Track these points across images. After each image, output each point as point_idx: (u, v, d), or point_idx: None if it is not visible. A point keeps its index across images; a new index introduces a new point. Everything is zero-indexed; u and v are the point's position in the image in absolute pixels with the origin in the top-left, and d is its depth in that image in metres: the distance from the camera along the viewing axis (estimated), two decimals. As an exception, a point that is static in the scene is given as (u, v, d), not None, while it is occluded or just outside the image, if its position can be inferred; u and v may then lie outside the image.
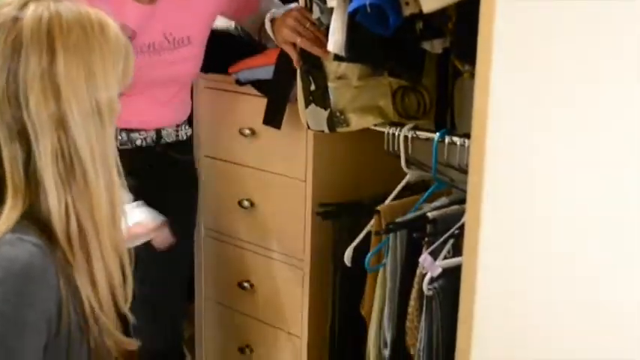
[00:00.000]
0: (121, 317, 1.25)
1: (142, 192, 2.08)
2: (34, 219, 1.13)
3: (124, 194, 1.24)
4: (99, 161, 1.15)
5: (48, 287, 1.10)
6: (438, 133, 1.83)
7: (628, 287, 1.12)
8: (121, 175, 1.22)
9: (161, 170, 2.15)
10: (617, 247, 1.13)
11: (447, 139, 1.81)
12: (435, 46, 1.82)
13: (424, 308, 1.81)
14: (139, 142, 2.08)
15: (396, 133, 1.90)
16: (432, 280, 1.79)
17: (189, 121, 2.24)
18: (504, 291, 1.23)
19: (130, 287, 1.24)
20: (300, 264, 2.16)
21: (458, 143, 1.79)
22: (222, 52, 2.22)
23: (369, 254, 1.94)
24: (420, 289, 1.82)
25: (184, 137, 2.19)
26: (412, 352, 1.88)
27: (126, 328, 1.26)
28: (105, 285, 1.17)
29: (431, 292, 1.78)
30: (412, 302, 1.86)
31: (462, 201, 1.86)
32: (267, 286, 2.29)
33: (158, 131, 2.11)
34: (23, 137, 1.12)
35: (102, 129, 1.16)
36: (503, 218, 1.21)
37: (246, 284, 2.32)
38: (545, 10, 1.13)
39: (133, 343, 1.24)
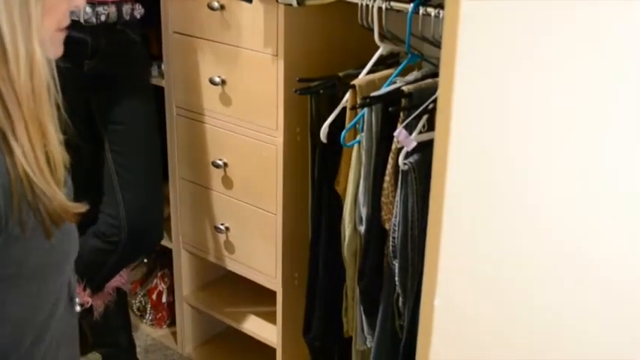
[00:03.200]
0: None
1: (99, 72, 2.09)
2: None
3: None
4: (20, 33, 1.08)
5: None
6: (412, 4, 1.77)
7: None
8: (50, 61, 1.16)
9: (123, 51, 2.14)
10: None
11: (421, 11, 1.76)
12: None
13: (399, 183, 1.80)
14: (103, 18, 2.02)
15: (369, 4, 1.84)
16: (408, 155, 1.77)
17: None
18: (477, 160, 1.21)
19: (60, 172, 1.17)
20: (273, 140, 2.14)
21: (432, 14, 1.74)
22: None
23: (344, 130, 1.91)
24: (395, 164, 1.80)
25: (138, 16, 2.14)
26: (387, 227, 1.89)
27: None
28: (37, 149, 1.12)
29: (406, 167, 1.77)
30: (387, 177, 1.85)
31: (435, 74, 1.84)
32: (241, 164, 2.27)
33: (118, 6, 2.05)
34: None
35: (25, 3, 1.08)
36: (478, 86, 1.18)
37: (219, 162, 2.30)
38: None
39: (79, 206, 1.19)
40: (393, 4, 1.82)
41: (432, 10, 1.74)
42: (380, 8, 1.83)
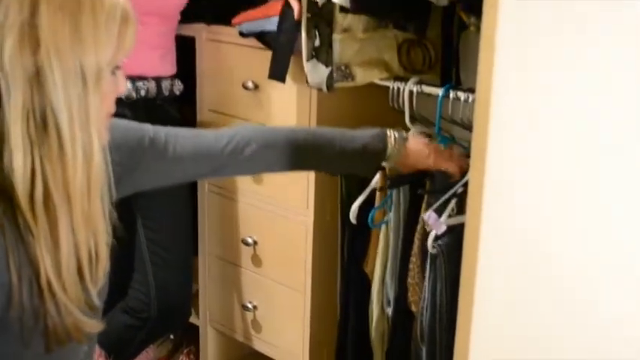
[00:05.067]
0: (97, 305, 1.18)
1: None
2: None
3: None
4: (78, 127, 1.06)
5: None
6: (442, 88, 1.79)
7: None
8: (105, 152, 1.14)
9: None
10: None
11: (451, 94, 1.78)
12: (440, -1, 1.78)
13: (428, 266, 1.79)
14: (142, 94, 2.07)
15: (401, 88, 1.86)
16: (437, 238, 1.76)
17: (181, 76, 2.23)
18: (507, 250, 1.20)
19: (103, 268, 1.16)
20: (304, 219, 2.14)
21: (462, 99, 1.75)
22: (226, 3, 2.18)
23: (372, 210, 1.92)
24: (421, 245, 1.80)
25: (177, 92, 2.18)
26: (414, 309, 1.87)
27: (100, 312, 1.20)
28: (70, 260, 1.09)
29: (435, 250, 1.76)
30: (413, 258, 1.84)
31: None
32: (270, 242, 2.27)
33: (157, 82, 2.10)
34: None
35: (84, 95, 1.06)
36: (507, 177, 1.18)
37: (249, 240, 2.30)
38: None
39: (95, 325, 1.16)
40: (424, 87, 1.84)
41: (461, 94, 1.76)
42: (411, 92, 1.85)
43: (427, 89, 1.84)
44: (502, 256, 1.20)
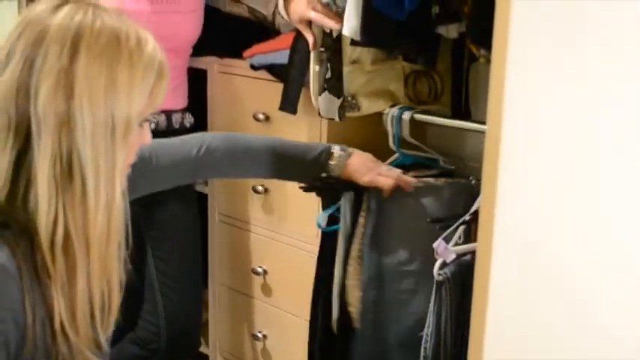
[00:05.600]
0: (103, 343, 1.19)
1: None
2: (16, 219, 1.07)
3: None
4: (103, 177, 1.08)
5: (3, 309, 1.04)
6: (407, 111, 1.88)
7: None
8: (125, 198, 1.16)
9: None
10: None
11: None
12: (450, 31, 1.81)
13: (433, 293, 1.81)
14: (152, 127, 2.08)
15: (385, 113, 1.93)
16: (443, 266, 1.78)
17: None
18: (518, 279, 1.21)
19: (113, 316, 1.17)
20: (313, 249, 2.15)
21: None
22: (237, 37, 2.21)
23: (320, 215, 1.99)
24: (359, 249, 1.89)
25: (188, 125, 2.20)
26: (351, 309, 1.94)
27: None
28: (84, 304, 1.11)
29: (441, 277, 1.78)
30: (351, 261, 1.91)
31: (432, 176, 1.92)
32: (280, 272, 2.28)
33: (168, 115, 2.12)
34: (23, 131, 1.06)
35: (112, 145, 1.08)
36: (518, 209, 1.20)
37: (259, 269, 2.31)
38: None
39: None
40: (410, 113, 1.89)
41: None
42: (395, 117, 1.90)
43: (420, 117, 1.89)
44: (514, 286, 1.21)
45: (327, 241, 2.03)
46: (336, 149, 1.79)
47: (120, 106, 1.08)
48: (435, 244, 1.79)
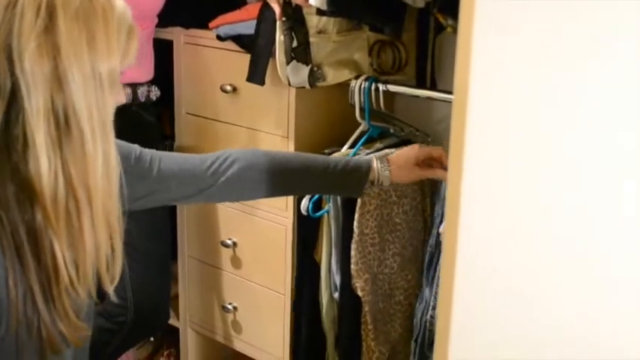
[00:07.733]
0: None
1: None
2: (16, 178, 1.08)
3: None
4: (98, 127, 1.10)
5: None
6: (367, 80, 1.89)
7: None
8: (116, 152, 1.18)
9: (136, 132, 2.16)
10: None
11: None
12: (417, 0, 1.80)
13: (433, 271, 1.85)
14: (118, 99, 2.06)
15: (351, 85, 1.94)
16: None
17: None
18: (486, 249, 1.22)
19: (119, 263, 1.20)
20: (283, 220, 2.15)
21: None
22: (203, 7, 2.18)
23: (310, 201, 2.00)
24: (361, 232, 1.92)
25: (154, 98, 2.18)
26: (360, 293, 1.96)
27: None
28: (91, 254, 1.13)
29: None
30: (354, 245, 1.91)
31: (394, 145, 1.99)
32: (249, 244, 2.28)
33: (134, 88, 2.09)
34: (7, 95, 1.06)
35: (102, 96, 1.11)
36: (485, 176, 1.20)
37: (229, 242, 2.31)
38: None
39: (86, 329, 1.20)
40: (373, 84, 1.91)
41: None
42: (368, 88, 1.92)
43: (381, 87, 1.90)
44: (481, 257, 1.22)
45: (309, 224, 2.05)
46: (374, 159, 1.77)
47: (102, 59, 1.11)
48: (441, 229, 1.81)
